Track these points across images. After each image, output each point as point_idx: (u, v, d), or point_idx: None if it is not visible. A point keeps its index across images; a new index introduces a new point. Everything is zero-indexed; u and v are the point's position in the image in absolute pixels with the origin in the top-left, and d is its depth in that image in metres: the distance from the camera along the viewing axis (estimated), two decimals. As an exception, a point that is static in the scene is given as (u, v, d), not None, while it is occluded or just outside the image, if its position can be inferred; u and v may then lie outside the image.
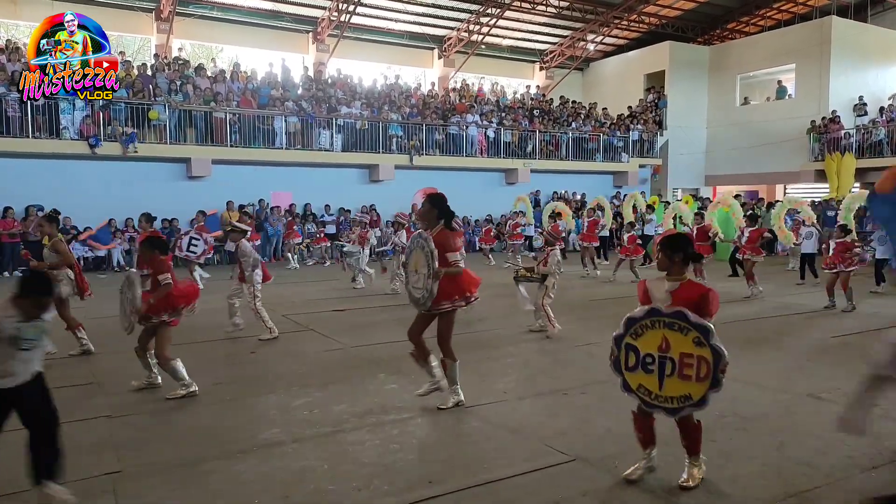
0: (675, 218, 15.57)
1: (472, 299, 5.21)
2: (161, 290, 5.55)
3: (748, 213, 13.18)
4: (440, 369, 5.26)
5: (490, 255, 17.55)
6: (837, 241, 10.01)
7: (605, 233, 17.02)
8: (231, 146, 17.50)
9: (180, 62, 19.17)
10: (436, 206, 5.15)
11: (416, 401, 5.44)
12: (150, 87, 16.94)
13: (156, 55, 19.55)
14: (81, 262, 15.38)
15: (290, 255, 16.92)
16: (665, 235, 4.06)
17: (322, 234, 17.85)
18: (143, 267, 5.87)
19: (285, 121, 18.15)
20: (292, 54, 22.82)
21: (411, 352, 5.32)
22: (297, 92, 19.77)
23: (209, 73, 19.06)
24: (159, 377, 5.92)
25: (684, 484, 3.78)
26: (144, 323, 5.62)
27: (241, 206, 17.47)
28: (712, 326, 3.57)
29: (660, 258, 3.86)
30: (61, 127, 15.43)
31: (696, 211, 15.07)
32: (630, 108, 26.37)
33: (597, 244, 15.64)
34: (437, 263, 4.91)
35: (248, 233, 8.85)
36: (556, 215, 16.38)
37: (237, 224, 8.87)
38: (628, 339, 3.78)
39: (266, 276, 8.30)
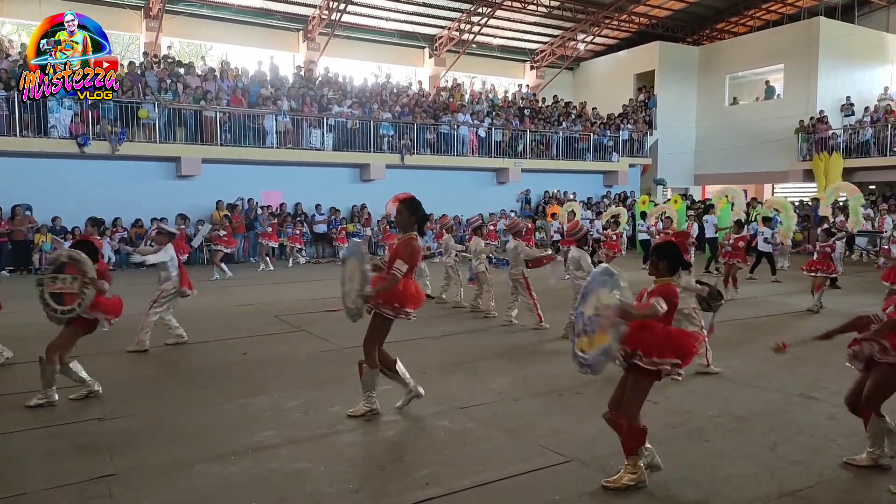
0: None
1: (402, 315, 4.97)
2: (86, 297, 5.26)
3: (735, 219, 13.17)
4: (406, 374, 5.21)
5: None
6: (822, 244, 10.00)
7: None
8: (221, 145, 17.39)
9: (169, 60, 19.04)
10: (412, 212, 5.05)
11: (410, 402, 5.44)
12: (140, 85, 16.81)
13: (145, 53, 19.41)
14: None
15: (262, 256, 16.76)
16: (658, 242, 4.25)
17: (298, 234, 17.63)
18: (72, 272, 5.33)
19: (276, 120, 18.07)
20: (282, 53, 22.72)
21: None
22: (288, 90, 19.67)
23: (199, 72, 18.94)
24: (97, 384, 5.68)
25: (606, 482, 3.83)
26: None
27: (231, 206, 17.38)
28: (617, 274, 3.71)
29: (648, 264, 4.12)
30: (50, 126, 15.27)
31: (686, 213, 15.07)
32: (625, 105, 26.47)
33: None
34: (369, 287, 4.84)
35: (175, 236, 8.28)
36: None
37: (164, 227, 8.37)
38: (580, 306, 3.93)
39: (188, 286, 7.70)
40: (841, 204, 17.47)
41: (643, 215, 16.71)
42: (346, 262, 5.23)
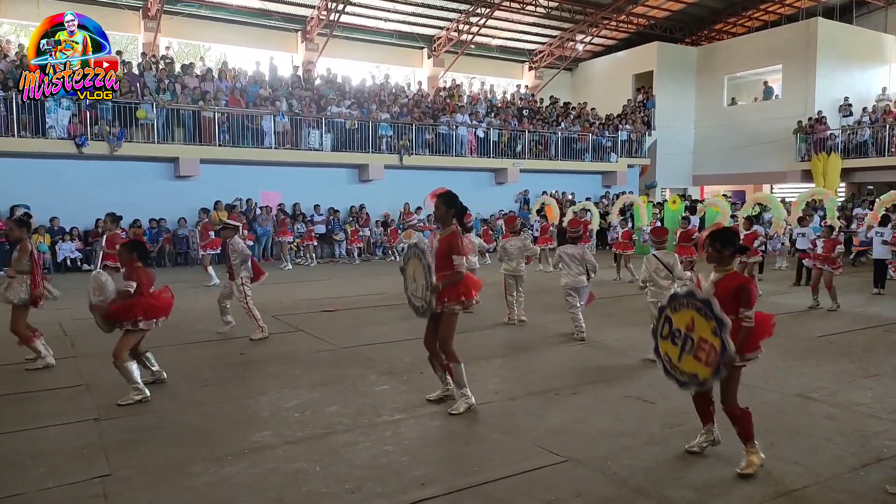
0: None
1: (472, 303, 5.21)
2: (129, 296, 5.43)
3: (745, 216, 13.13)
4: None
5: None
6: (825, 240, 10.11)
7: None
8: (219, 145, 17.37)
9: (167, 61, 19.02)
10: (448, 205, 5.14)
11: (408, 402, 5.45)
12: (138, 85, 16.80)
13: (143, 54, 19.39)
14: (68, 262, 15.29)
15: (283, 255, 16.82)
16: (713, 230, 4.26)
17: (312, 234, 17.72)
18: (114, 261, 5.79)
19: (274, 120, 18.06)
20: (281, 53, 22.71)
21: (428, 357, 5.39)
22: (287, 90, 19.67)
23: (197, 72, 18.93)
24: (164, 373, 6.09)
25: (742, 472, 3.95)
26: (117, 328, 5.52)
27: (230, 206, 17.37)
28: (729, 322, 3.78)
29: (709, 251, 4.13)
30: (48, 126, 15.25)
31: (683, 214, 15.11)
32: (623, 106, 26.49)
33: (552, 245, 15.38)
34: (434, 278, 4.90)
35: (240, 229, 8.79)
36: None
37: (228, 221, 8.75)
38: (668, 310, 4.17)
39: (258, 273, 8.14)
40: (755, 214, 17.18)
41: (621, 212, 17.01)
42: (406, 264, 5.29)
